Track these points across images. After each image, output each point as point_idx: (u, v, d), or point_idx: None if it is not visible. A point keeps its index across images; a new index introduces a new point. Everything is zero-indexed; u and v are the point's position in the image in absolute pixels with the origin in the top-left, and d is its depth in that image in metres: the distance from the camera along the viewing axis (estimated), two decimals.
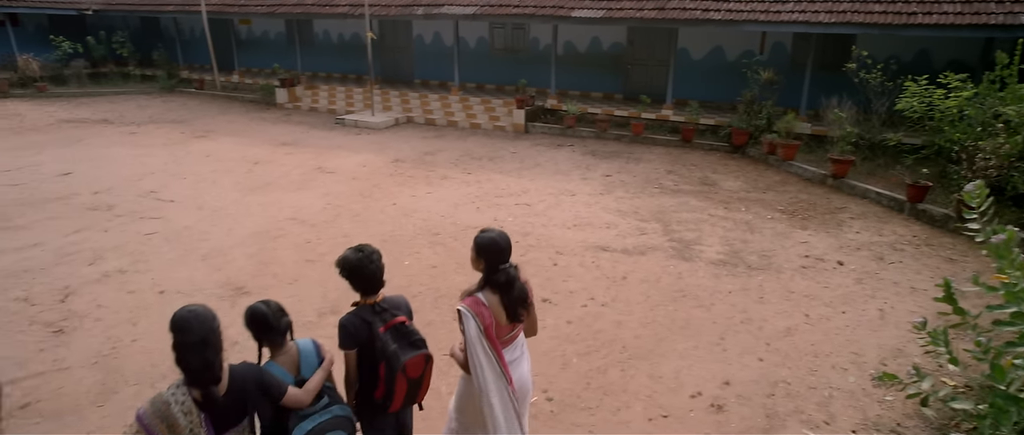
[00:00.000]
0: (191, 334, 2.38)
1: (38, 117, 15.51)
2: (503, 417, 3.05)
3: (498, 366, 3.03)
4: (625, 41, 15.34)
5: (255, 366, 2.69)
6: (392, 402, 2.95)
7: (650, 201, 9.21)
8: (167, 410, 2.39)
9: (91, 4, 20.91)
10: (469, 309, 2.98)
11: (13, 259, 6.93)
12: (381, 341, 2.89)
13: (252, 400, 2.59)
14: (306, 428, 2.74)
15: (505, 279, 3.02)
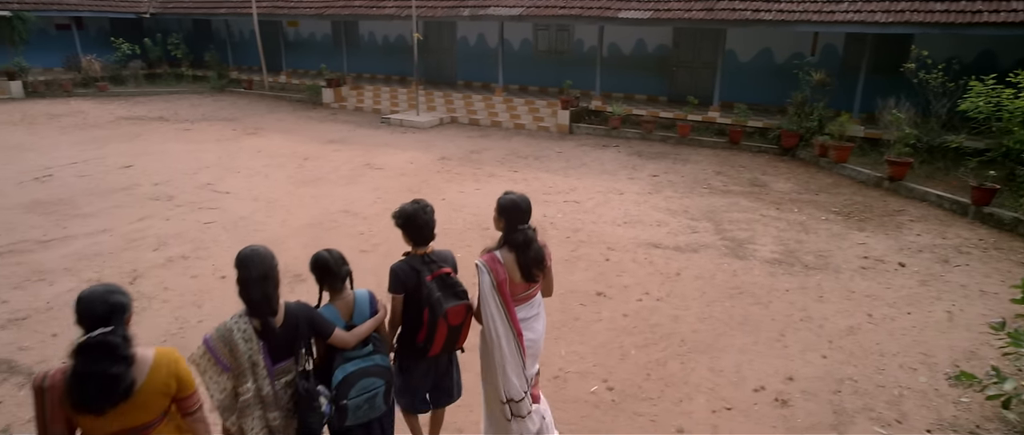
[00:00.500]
0: (254, 269, 2.60)
1: (99, 114, 16.15)
2: (511, 367, 3.21)
3: (508, 320, 3.18)
4: (670, 43, 15.23)
5: (307, 305, 2.88)
6: (432, 346, 3.14)
7: (700, 201, 9.11)
8: (230, 336, 2.61)
9: (149, 8, 21.72)
10: (485, 264, 3.15)
11: (85, 243, 7.22)
12: (427, 288, 3.08)
13: (303, 335, 2.79)
14: (348, 369, 2.90)
15: (522, 239, 3.18)
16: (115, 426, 2.24)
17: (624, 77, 15.80)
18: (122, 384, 2.14)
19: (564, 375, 4.69)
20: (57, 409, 2.16)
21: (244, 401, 2.64)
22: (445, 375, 3.49)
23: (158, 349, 2.35)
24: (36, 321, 5.43)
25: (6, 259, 6.76)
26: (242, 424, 2.64)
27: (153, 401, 2.28)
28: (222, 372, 2.61)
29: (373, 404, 2.98)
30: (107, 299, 2.20)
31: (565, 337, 5.24)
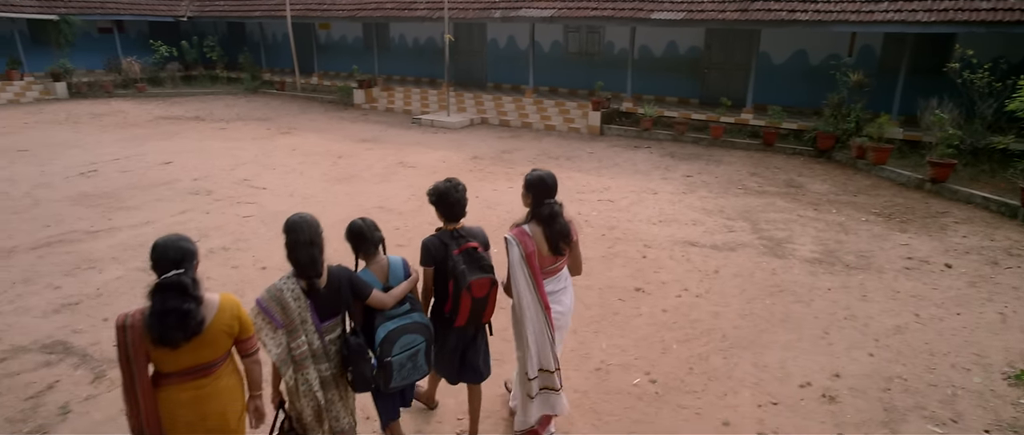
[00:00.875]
0: (302, 234, 2.82)
1: (139, 114, 16.56)
2: (535, 336, 3.35)
3: (535, 291, 3.32)
4: (702, 45, 15.11)
5: (348, 268, 3.09)
6: (457, 317, 3.27)
7: (735, 201, 9.00)
8: (280, 295, 2.84)
9: (187, 11, 22.24)
10: (514, 237, 3.31)
11: (130, 234, 7.40)
12: (453, 261, 3.22)
13: (345, 296, 3.00)
14: (389, 327, 3.06)
15: (549, 212, 3.31)
16: (187, 361, 2.52)
17: (655, 79, 15.71)
18: (193, 320, 2.41)
19: (606, 367, 4.67)
20: (138, 345, 2.44)
21: (300, 354, 2.87)
22: (473, 351, 3.55)
23: (223, 294, 2.62)
24: (87, 306, 5.57)
25: (57, 248, 6.96)
26: (298, 376, 2.89)
27: (219, 340, 2.57)
28: (276, 329, 2.82)
29: (415, 363, 3.15)
30: (179, 245, 2.48)
31: (605, 331, 5.22)
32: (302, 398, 2.93)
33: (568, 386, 4.40)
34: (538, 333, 3.36)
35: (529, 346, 3.37)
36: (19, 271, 6.33)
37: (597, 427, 3.97)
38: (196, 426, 2.58)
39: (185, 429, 2.58)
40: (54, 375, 4.49)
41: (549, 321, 3.35)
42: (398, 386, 3.15)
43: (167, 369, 2.52)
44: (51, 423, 3.96)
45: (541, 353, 3.41)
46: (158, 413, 2.52)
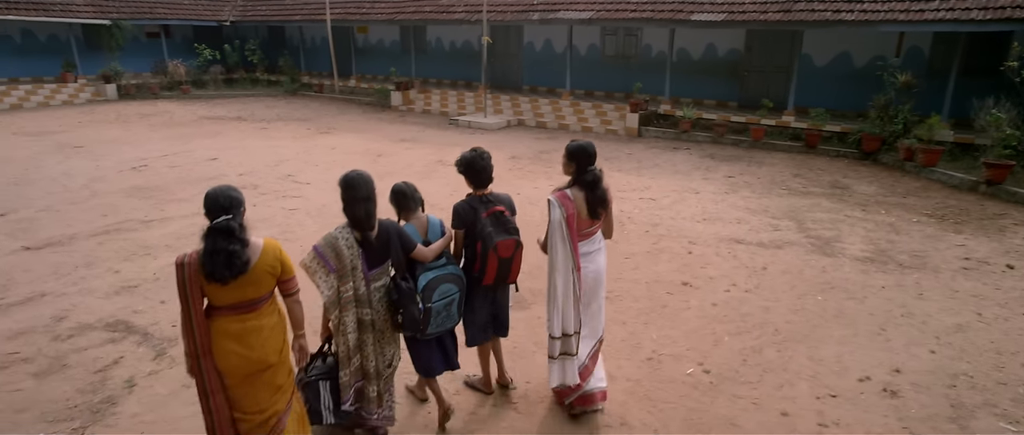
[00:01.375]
0: (359, 191, 3.12)
1: (183, 114, 17.04)
2: (562, 292, 3.54)
3: (570, 251, 3.54)
4: (742, 47, 14.93)
5: (397, 223, 3.42)
6: (485, 276, 3.53)
7: (779, 201, 8.86)
8: (336, 243, 3.12)
9: (230, 16, 22.85)
10: (557, 200, 3.53)
11: (182, 224, 7.61)
12: (481, 224, 3.49)
13: (393, 247, 3.30)
14: (429, 276, 3.38)
15: (592, 178, 3.55)
16: (235, 297, 2.82)
17: (693, 82, 15.56)
18: (239, 260, 2.72)
19: (658, 357, 4.63)
20: (193, 280, 2.76)
21: (346, 298, 3.17)
22: (502, 308, 3.88)
23: (266, 238, 2.91)
24: (145, 289, 5.74)
25: (114, 236, 7.18)
26: (342, 317, 3.18)
27: (263, 279, 2.86)
28: (329, 273, 3.11)
29: (449, 312, 3.47)
30: (228, 194, 2.80)
31: (655, 322, 5.17)
32: (340, 336, 3.24)
33: (620, 375, 4.38)
34: (565, 293, 3.55)
35: (557, 303, 3.56)
36: (81, 256, 6.55)
37: (652, 414, 3.94)
38: (241, 356, 2.86)
39: (232, 357, 2.86)
40: (119, 351, 4.63)
41: (578, 281, 3.55)
42: (434, 333, 3.44)
43: (218, 303, 2.83)
44: (118, 395, 4.08)
45: (565, 313, 3.59)
46: (209, 342, 2.83)
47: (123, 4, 20.39)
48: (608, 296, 5.67)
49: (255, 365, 2.89)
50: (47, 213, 8.00)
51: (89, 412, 3.90)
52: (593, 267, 3.67)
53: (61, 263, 6.34)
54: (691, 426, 3.82)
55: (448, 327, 3.53)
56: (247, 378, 2.91)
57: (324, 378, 3.31)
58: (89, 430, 3.73)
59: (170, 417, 3.84)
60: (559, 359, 3.67)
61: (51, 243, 6.92)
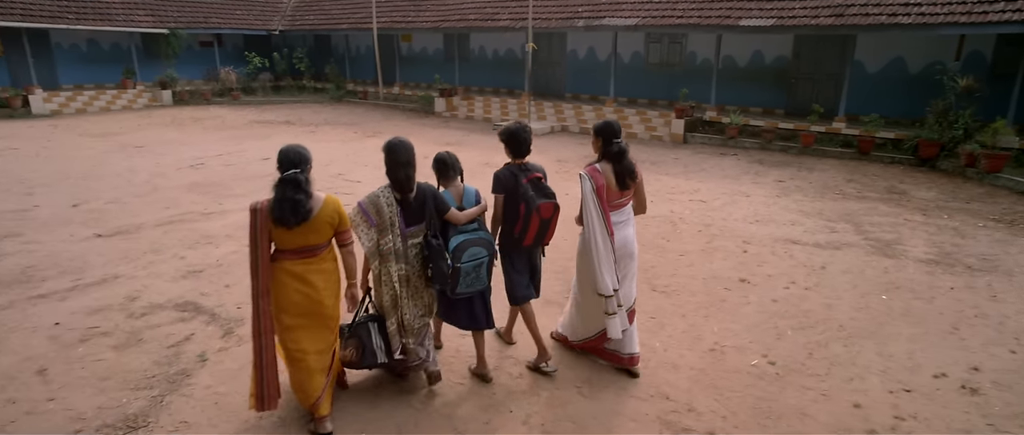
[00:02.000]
0: (400, 155, 3.48)
1: (235, 119, 17.57)
2: (602, 257, 3.83)
3: (603, 220, 3.83)
4: (790, 54, 14.69)
5: (434, 187, 3.75)
6: (526, 236, 3.84)
7: (833, 205, 8.66)
8: (377, 200, 3.52)
9: (279, 25, 23.54)
10: (587, 173, 3.85)
11: (240, 216, 7.81)
12: (523, 188, 3.82)
13: (429, 208, 3.63)
14: (460, 239, 3.67)
15: (617, 150, 3.83)
16: (298, 242, 3.23)
17: (739, 89, 15.36)
18: (304, 208, 3.12)
19: (720, 348, 4.56)
20: (263, 224, 3.18)
21: (386, 250, 3.53)
22: (536, 270, 4.18)
23: (328, 194, 3.30)
24: (210, 274, 5.92)
25: (177, 226, 7.44)
26: (384, 268, 3.56)
27: (323, 228, 3.25)
28: (371, 227, 3.50)
29: (478, 274, 3.72)
30: (297, 151, 3.22)
31: (715, 316, 5.10)
32: (383, 287, 3.61)
33: (683, 364, 4.34)
34: (603, 258, 3.83)
35: (601, 264, 3.83)
36: (148, 243, 6.80)
37: (719, 401, 3.88)
38: (302, 293, 3.27)
39: (294, 295, 3.27)
40: (189, 329, 4.78)
41: (612, 247, 3.84)
42: (463, 293, 3.71)
43: (283, 247, 3.25)
44: (192, 368, 4.21)
45: (609, 272, 3.85)
46: (269, 283, 3.24)
47: (180, 14, 21.23)
48: (664, 290, 5.64)
49: (314, 305, 3.31)
50: (115, 205, 8.34)
51: (166, 382, 4.04)
52: (623, 234, 3.95)
53: (130, 249, 6.60)
54: (760, 414, 3.75)
55: (478, 289, 3.78)
56: (306, 316, 3.32)
57: (372, 320, 3.68)
58: (167, 398, 3.85)
59: (242, 390, 3.94)
60: (608, 315, 3.90)
61: (120, 231, 7.20)
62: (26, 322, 4.86)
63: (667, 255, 6.57)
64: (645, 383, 4.09)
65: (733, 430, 3.61)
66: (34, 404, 3.78)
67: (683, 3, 14.53)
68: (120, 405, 3.78)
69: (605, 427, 3.62)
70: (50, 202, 8.40)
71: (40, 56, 19.03)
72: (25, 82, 18.21)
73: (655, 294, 5.56)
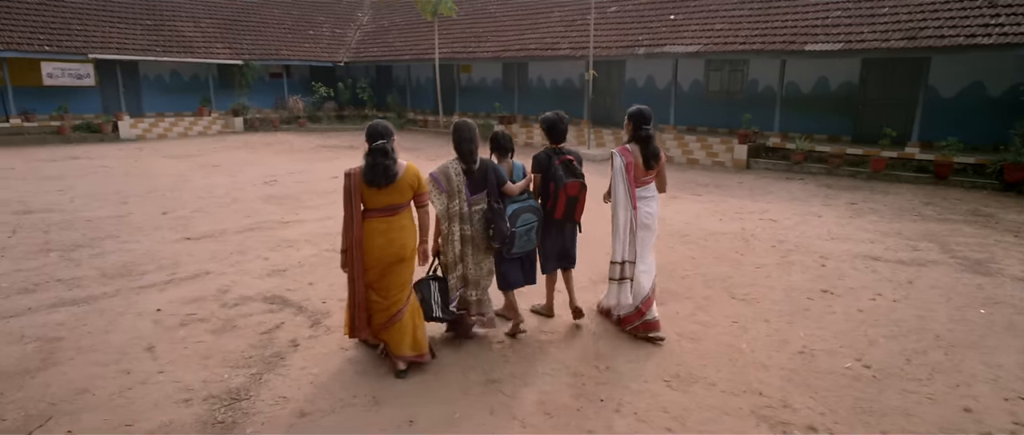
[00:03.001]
0: (465, 133, 4.18)
1: (302, 143, 18.31)
2: (624, 225, 4.44)
3: (628, 193, 4.42)
4: (857, 80, 14.37)
5: (494, 162, 4.38)
6: (556, 210, 4.42)
7: (913, 226, 8.34)
8: (447, 171, 4.17)
9: (344, 57, 24.59)
10: (618, 152, 4.45)
11: (316, 225, 8.12)
12: (554, 169, 4.39)
13: (489, 179, 4.23)
14: (515, 207, 4.30)
15: (645, 135, 4.43)
16: (384, 201, 3.84)
17: (803, 117, 15.05)
18: (391, 171, 3.77)
19: (810, 351, 4.43)
20: (356, 186, 3.81)
21: (453, 212, 4.16)
22: (569, 244, 4.72)
23: (409, 162, 3.91)
24: (293, 273, 6.15)
25: (258, 232, 7.76)
26: (450, 228, 4.19)
27: (404, 190, 3.88)
28: (441, 193, 4.15)
29: (529, 236, 4.39)
30: (384, 125, 3.88)
31: (799, 322, 4.97)
32: (449, 245, 4.22)
33: (772, 364, 4.23)
34: (626, 226, 4.42)
35: (619, 234, 4.44)
36: (233, 245, 7.12)
37: (816, 399, 3.76)
38: (384, 248, 3.87)
39: (377, 249, 3.86)
40: (279, 319, 4.96)
41: (635, 218, 4.40)
42: (518, 252, 4.36)
43: (371, 206, 3.85)
44: (285, 351, 4.36)
45: (625, 243, 4.45)
46: (362, 236, 3.84)
47: (254, 47, 22.46)
48: (744, 298, 5.54)
49: (393, 256, 3.89)
50: (200, 213, 8.78)
51: (262, 362, 4.19)
52: (647, 210, 4.49)
53: (217, 250, 6.92)
54: (862, 412, 3.61)
55: (528, 249, 4.46)
56: (386, 268, 3.90)
57: (433, 279, 4.26)
58: (265, 376, 4.00)
59: (333, 371, 4.06)
60: (617, 282, 4.52)
61: (207, 235, 7.57)
62: (132, 308, 5.14)
63: (743, 267, 6.45)
64: (735, 379, 4.00)
65: (834, 426, 3.48)
66: (146, 376, 3.98)
67: (746, 29, 14.49)
68: (223, 380, 3.94)
69: (700, 419, 3.56)
70: (142, 210, 8.91)
71: (129, 86, 20.42)
72: (115, 109, 19.52)
73: (735, 301, 5.46)
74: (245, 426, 3.44)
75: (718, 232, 7.92)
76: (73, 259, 6.52)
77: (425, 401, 3.71)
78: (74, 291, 5.54)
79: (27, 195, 9.90)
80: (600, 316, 4.99)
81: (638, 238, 4.44)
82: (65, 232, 7.62)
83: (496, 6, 22.44)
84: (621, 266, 4.48)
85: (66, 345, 4.43)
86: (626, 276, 4.47)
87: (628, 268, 4.47)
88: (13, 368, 4.06)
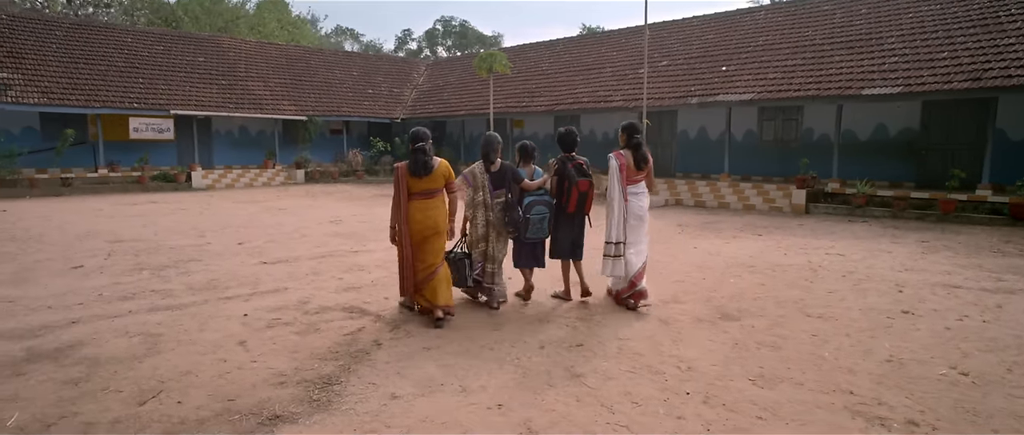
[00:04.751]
0: (490, 144, 5.52)
1: (361, 192, 18.97)
2: (616, 214, 5.58)
3: (621, 189, 5.56)
4: (917, 125, 14.14)
5: (513, 165, 5.67)
6: (569, 205, 5.55)
7: (993, 260, 8.03)
8: (474, 170, 5.56)
9: (401, 114, 25.67)
10: (614, 156, 5.60)
11: (383, 254, 8.33)
12: (568, 171, 5.52)
13: (508, 178, 5.51)
14: (530, 199, 5.51)
15: (636, 142, 5.58)
16: (423, 187, 5.09)
17: (861, 163, 14.75)
18: (429, 165, 5.06)
19: (899, 360, 4.30)
20: (403, 176, 5.09)
21: (477, 202, 5.53)
22: (578, 236, 5.75)
23: (441, 159, 5.23)
24: (368, 290, 6.35)
25: (329, 259, 8.06)
26: (475, 214, 5.55)
27: (438, 179, 5.15)
28: (469, 186, 5.53)
29: (541, 226, 5.56)
30: (424, 131, 5.16)
31: (882, 336, 4.84)
32: (475, 228, 5.56)
33: (860, 369, 4.13)
34: (618, 215, 5.55)
35: (612, 220, 5.56)
36: (307, 268, 7.42)
37: (912, 398, 3.65)
38: (422, 222, 5.10)
39: (417, 224, 5.10)
40: (359, 324, 5.13)
41: (626, 208, 5.55)
42: (531, 238, 5.57)
43: (414, 191, 5.11)
44: (369, 349, 4.50)
45: (616, 227, 5.54)
46: (408, 214, 5.10)
47: (317, 104, 23.75)
48: (820, 317, 5.43)
49: (430, 229, 5.11)
50: (272, 243, 9.19)
51: (349, 356, 4.34)
52: (637, 203, 5.61)
53: (293, 272, 7.22)
54: (965, 412, 3.48)
55: (540, 237, 5.63)
56: (425, 239, 5.12)
57: (467, 258, 5.55)
58: (353, 367, 4.14)
59: (418, 365, 4.17)
60: (611, 257, 5.55)
61: (282, 261, 7.91)
62: (220, 313, 5.41)
63: (814, 292, 6.33)
64: (823, 380, 3.92)
65: (937, 422, 3.36)
66: (241, 363, 4.18)
67: (800, 77, 14.58)
68: (313, 368, 4.10)
69: (791, 412, 3.49)
70: (219, 241, 9.39)
71: (203, 140, 21.79)
72: (189, 161, 20.78)
73: (810, 318, 5.35)
74: (340, 404, 3.56)
75: (784, 264, 7.80)
76: (163, 276, 6.91)
77: (512, 390, 3.77)
78: (167, 300, 5.87)
79: (116, 229, 10.58)
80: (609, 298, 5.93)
81: (629, 225, 5.54)
82: (153, 256, 8.10)
83: (548, 63, 23.22)
84: (615, 245, 5.53)
85: (166, 339, 4.69)
86: (619, 254, 5.50)
87: (620, 247, 5.51)
88: (123, 355, 4.33)
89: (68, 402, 3.56)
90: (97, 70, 19.59)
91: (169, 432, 3.23)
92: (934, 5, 14.85)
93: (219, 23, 34.81)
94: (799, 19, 17.31)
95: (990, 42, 12.51)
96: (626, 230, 5.51)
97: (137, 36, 22.54)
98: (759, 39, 17.27)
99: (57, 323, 5.09)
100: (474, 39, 50.88)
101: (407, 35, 54.86)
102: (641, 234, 5.60)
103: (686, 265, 7.74)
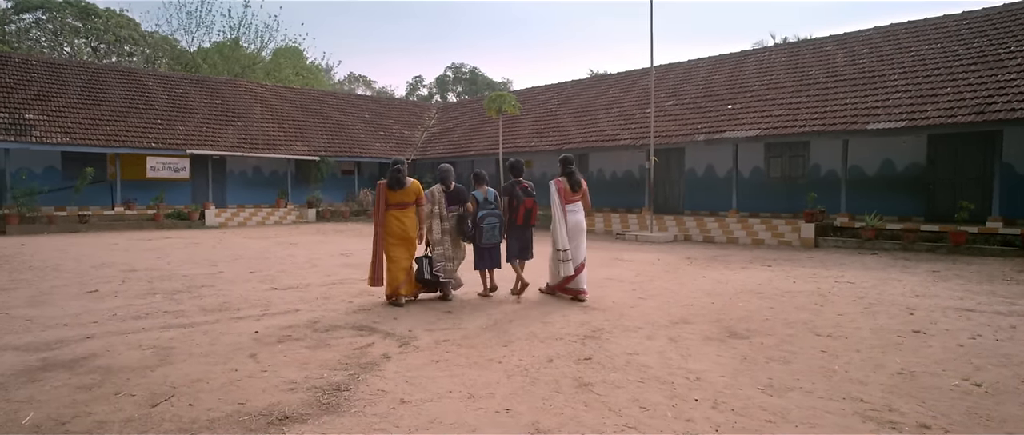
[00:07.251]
0: (446, 172, 7.08)
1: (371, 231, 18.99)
2: (559, 229, 7.01)
3: (561, 208, 7.01)
4: (924, 159, 14.19)
5: (464, 187, 7.19)
6: (517, 218, 7.09)
7: (1006, 287, 7.96)
8: (433, 191, 6.99)
9: (411, 155, 26.05)
10: (554, 183, 7.06)
11: None
12: (516, 192, 7.06)
13: (461, 197, 7.08)
14: (483, 212, 6.99)
15: (570, 170, 7.04)
16: (398, 199, 6.62)
17: (869, 198, 14.75)
18: (403, 181, 6.59)
19: (909, 372, 4.28)
20: (383, 191, 6.64)
21: (433, 214, 6.92)
22: (527, 243, 7.31)
23: (413, 179, 6.71)
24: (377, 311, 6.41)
25: (339, 286, 8.14)
26: (432, 223, 6.94)
27: (411, 193, 6.66)
28: (428, 202, 6.85)
29: (494, 233, 7.02)
30: (401, 159, 6.81)
31: (893, 353, 4.81)
32: (433, 234, 6.93)
33: (871, 381, 4.10)
34: (559, 230, 6.98)
35: (558, 234, 6.97)
36: (318, 293, 7.49)
37: (924, 405, 3.63)
38: (399, 227, 6.62)
39: (396, 229, 6.62)
40: (369, 340, 5.17)
41: (565, 223, 6.97)
42: (486, 244, 7.03)
43: (391, 202, 6.60)
44: (378, 362, 4.53)
45: (562, 238, 6.93)
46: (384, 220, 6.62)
47: (329, 145, 24.20)
48: (829, 336, 5.40)
49: (405, 234, 6.63)
50: (284, 273, 9.29)
51: (358, 367, 4.37)
52: (574, 218, 7.03)
53: (304, 296, 7.29)
54: (978, 418, 3.46)
55: (494, 242, 7.09)
56: (400, 241, 6.62)
57: (428, 259, 6.82)
58: (362, 376, 4.16)
59: (427, 376, 4.19)
60: (560, 263, 6.96)
61: (292, 287, 7.99)
62: (232, 330, 5.47)
63: (823, 314, 6.31)
64: (833, 390, 3.90)
65: (949, 427, 3.33)
66: (251, 372, 4.22)
67: (805, 113, 14.76)
68: (323, 377, 4.13)
69: (801, 417, 3.47)
70: (231, 270, 9.50)
71: (217, 179, 22.20)
72: (202, 200, 21.12)
73: (820, 337, 5.33)
74: (350, 408, 3.58)
75: (794, 291, 7.78)
76: (175, 299, 7.00)
77: (520, 397, 3.78)
78: (180, 319, 5.95)
79: (131, 260, 10.73)
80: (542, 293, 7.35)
81: (570, 234, 6.94)
82: (166, 282, 8.21)
83: (557, 105, 23.64)
84: (564, 251, 6.91)
85: (178, 351, 4.74)
86: (566, 259, 6.90)
87: (568, 254, 6.89)
88: (135, 364, 4.38)
89: (82, 404, 3.61)
90: (118, 111, 20.16)
91: (181, 430, 3.26)
92: (935, 44, 15.10)
93: (236, 69, 35.82)
94: (803, 58, 17.63)
95: (991, 78, 12.67)
96: (569, 238, 6.92)
97: (157, 79, 23.26)
98: (764, 78, 17.56)
99: (72, 338, 5.17)
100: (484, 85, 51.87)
101: (418, 81, 56.06)
102: (581, 241, 7.05)
103: (695, 292, 7.74)
